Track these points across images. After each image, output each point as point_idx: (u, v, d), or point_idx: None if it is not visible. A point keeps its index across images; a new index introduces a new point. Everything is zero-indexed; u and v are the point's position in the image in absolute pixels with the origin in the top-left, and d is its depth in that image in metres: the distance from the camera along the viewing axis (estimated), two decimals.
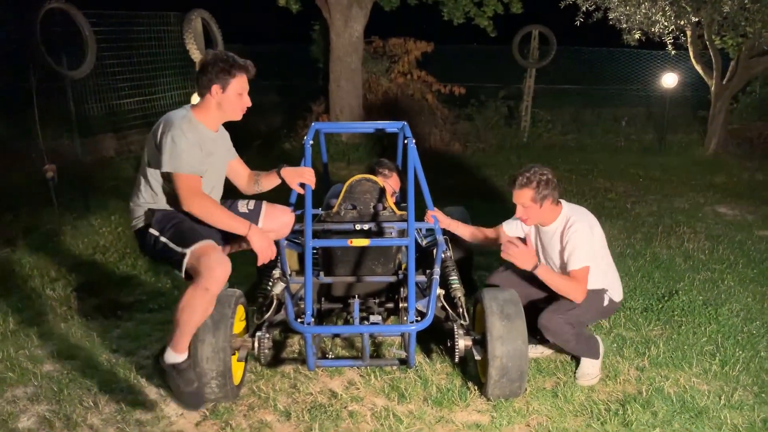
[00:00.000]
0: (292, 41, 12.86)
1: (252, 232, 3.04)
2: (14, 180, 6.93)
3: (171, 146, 2.90)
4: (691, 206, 6.98)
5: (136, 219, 3.13)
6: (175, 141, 2.90)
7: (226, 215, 3.02)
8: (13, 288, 4.67)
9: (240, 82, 3.02)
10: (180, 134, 2.91)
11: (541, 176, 3.36)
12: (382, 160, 4.26)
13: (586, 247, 3.35)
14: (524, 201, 3.39)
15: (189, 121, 3.00)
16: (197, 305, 2.78)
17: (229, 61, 2.98)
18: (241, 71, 3.01)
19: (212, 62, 2.98)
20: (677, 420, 3.07)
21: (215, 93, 3.00)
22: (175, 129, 2.92)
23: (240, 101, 3.06)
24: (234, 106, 3.07)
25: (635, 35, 9.31)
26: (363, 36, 9.52)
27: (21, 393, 3.34)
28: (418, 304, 3.33)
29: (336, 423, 3.08)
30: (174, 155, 2.90)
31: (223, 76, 2.97)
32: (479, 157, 9.65)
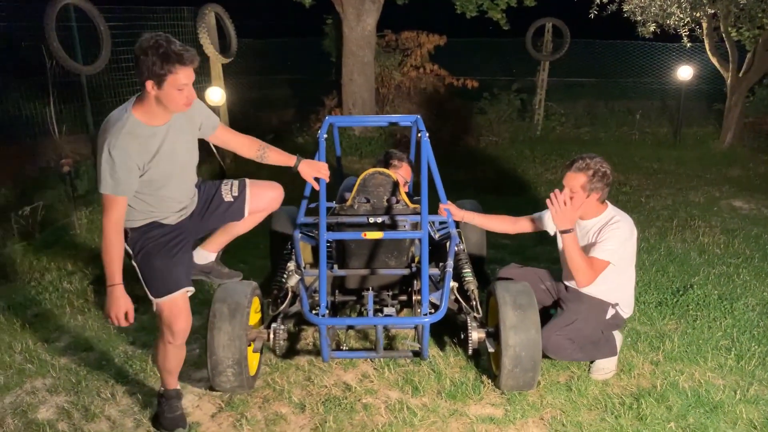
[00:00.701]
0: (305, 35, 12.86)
1: (113, 289, 2.67)
2: (31, 174, 7.00)
3: (99, 166, 2.63)
4: (707, 200, 6.93)
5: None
6: (102, 161, 2.61)
7: (115, 258, 2.68)
8: (30, 281, 4.74)
9: (178, 77, 2.59)
10: (107, 152, 2.60)
11: (601, 167, 3.28)
12: (392, 151, 4.27)
13: (616, 247, 3.28)
14: (574, 185, 3.30)
15: (123, 128, 2.64)
16: (167, 354, 2.93)
17: (162, 54, 2.53)
18: (177, 65, 2.56)
19: (143, 53, 2.54)
20: (692, 414, 3.06)
21: (151, 89, 2.60)
22: (104, 143, 2.62)
23: (181, 96, 2.64)
24: (175, 102, 2.66)
25: (650, 28, 9.22)
26: (375, 30, 9.50)
27: (40, 384, 3.39)
28: (432, 296, 3.34)
29: (350, 415, 3.10)
30: (100, 175, 2.64)
31: (157, 71, 2.55)
32: (492, 151, 9.62)
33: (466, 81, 10.24)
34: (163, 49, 2.54)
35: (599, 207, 3.41)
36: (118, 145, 2.61)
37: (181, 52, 2.56)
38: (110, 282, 2.67)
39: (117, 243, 2.68)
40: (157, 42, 2.55)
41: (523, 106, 10.96)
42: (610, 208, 3.45)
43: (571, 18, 10.28)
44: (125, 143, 2.62)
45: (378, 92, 9.98)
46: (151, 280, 2.82)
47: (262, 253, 4.91)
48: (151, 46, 2.54)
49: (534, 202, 6.75)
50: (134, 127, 2.67)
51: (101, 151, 2.62)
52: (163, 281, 2.80)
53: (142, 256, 2.85)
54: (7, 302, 4.33)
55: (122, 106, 2.75)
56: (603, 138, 10.42)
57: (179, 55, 2.56)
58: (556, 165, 8.41)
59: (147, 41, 2.56)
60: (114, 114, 2.72)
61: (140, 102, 2.70)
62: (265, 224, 4.79)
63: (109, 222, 2.67)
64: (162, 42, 2.55)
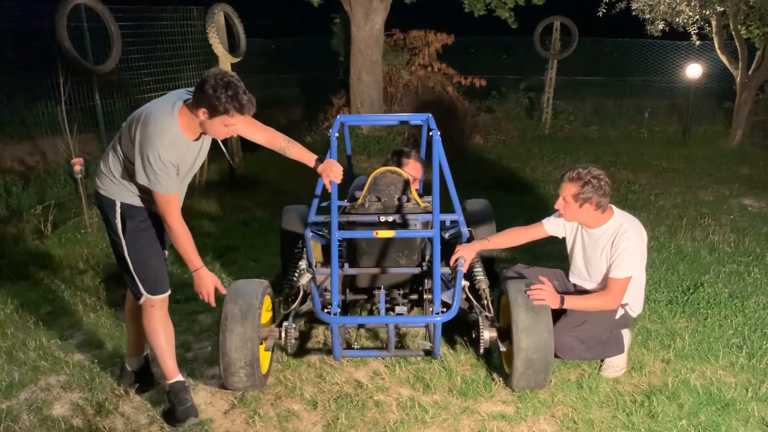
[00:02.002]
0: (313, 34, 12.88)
1: (198, 273, 2.96)
2: (43, 173, 7.05)
3: (148, 166, 2.75)
4: (716, 198, 6.91)
5: (103, 187, 3.00)
6: (152, 164, 2.73)
7: (188, 246, 2.91)
8: (43, 279, 4.78)
9: (231, 120, 2.75)
10: (155, 158, 2.73)
11: (593, 179, 3.25)
12: (401, 149, 4.28)
13: (633, 257, 3.29)
14: (566, 195, 3.33)
15: (171, 140, 2.77)
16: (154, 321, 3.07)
17: (228, 97, 2.67)
18: (235, 113, 2.72)
19: (212, 87, 2.67)
20: (704, 412, 3.06)
21: (201, 115, 2.75)
22: (152, 148, 2.72)
23: (225, 131, 2.82)
24: (217, 134, 2.84)
25: (659, 26, 9.21)
26: (383, 29, 9.52)
27: (54, 381, 3.42)
28: (443, 295, 3.35)
29: (362, 412, 3.12)
30: (152, 177, 2.77)
31: (216, 107, 2.69)
32: (500, 149, 9.62)
33: (474, 80, 10.25)
34: (232, 92, 2.68)
35: (598, 215, 3.37)
36: (169, 155, 2.76)
37: (244, 103, 2.72)
38: (194, 267, 2.95)
39: (187, 233, 2.91)
40: (228, 82, 2.69)
41: (531, 105, 10.97)
42: (616, 214, 3.41)
43: (580, 16, 10.28)
44: (173, 154, 2.79)
45: (386, 91, 10.01)
46: (147, 279, 3.02)
47: (273, 251, 4.93)
48: (221, 84, 2.68)
49: (543, 200, 6.76)
50: (179, 139, 2.82)
51: (152, 158, 2.73)
52: (158, 282, 3.04)
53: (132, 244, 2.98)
54: (21, 300, 4.37)
55: (166, 110, 2.80)
56: (611, 136, 10.41)
57: (242, 105, 2.71)
58: (565, 163, 8.41)
59: (220, 77, 2.69)
60: (159, 121, 2.77)
61: (185, 114, 2.81)
62: (276, 223, 4.83)
63: (175, 218, 2.87)
64: (232, 83, 2.69)
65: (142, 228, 3.00)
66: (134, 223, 2.98)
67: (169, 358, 3.11)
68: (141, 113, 2.84)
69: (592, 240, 3.43)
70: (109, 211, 2.98)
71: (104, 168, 2.99)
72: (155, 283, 3.03)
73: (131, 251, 2.98)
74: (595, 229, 3.41)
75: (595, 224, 3.40)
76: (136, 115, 2.87)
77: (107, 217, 3.00)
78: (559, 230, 3.65)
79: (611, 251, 3.34)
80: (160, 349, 3.09)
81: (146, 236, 3.02)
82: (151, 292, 3.03)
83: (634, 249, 3.30)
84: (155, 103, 2.88)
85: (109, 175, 2.97)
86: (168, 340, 3.11)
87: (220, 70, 2.75)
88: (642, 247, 3.39)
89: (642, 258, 3.42)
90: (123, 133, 2.91)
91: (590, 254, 3.45)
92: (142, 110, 2.86)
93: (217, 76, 2.71)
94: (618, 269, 3.29)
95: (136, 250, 2.99)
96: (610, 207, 3.41)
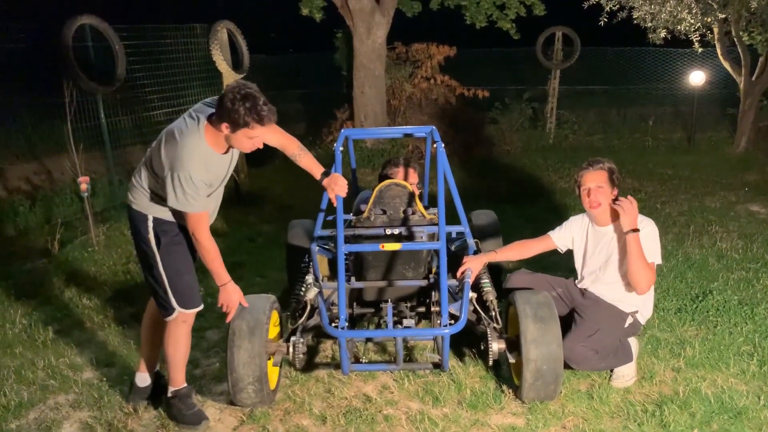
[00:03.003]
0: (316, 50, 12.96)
1: (225, 287, 3.07)
2: (49, 192, 7.09)
3: (178, 187, 2.78)
4: (723, 205, 6.88)
5: (135, 201, 3.02)
6: (183, 185, 2.77)
7: (216, 261, 3.01)
8: (50, 298, 4.78)
9: (253, 132, 2.77)
10: (187, 179, 2.76)
11: (614, 167, 3.49)
12: (389, 159, 4.30)
13: (656, 246, 3.37)
14: (600, 181, 3.41)
15: (200, 158, 2.81)
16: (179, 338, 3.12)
17: (248, 109, 2.68)
18: (255, 124, 2.74)
19: (231, 101, 2.68)
20: (716, 421, 3.03)
21: (225, 129, 2.78)
22: (183, 169, 2.76)
23: (250, 143, 2.84)
24: (242, 147, 2.87)
25: (661, 34, 9.22)
26: (386, 42, 9.56)
27: (63, 400, 3.42)
28: (451, 307, 3.34)
29: (371, 427, 3.10)
30: (181, 197, 2.80)
31: (237, 120, 2.71)
32: (505, 160, 9.62)
33: (477, 91, 10.26)
34: (250, 104, 2.69)
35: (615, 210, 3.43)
36: (200, 175, 2.80)
37: (263, 114, 2.72)
38: (222, 282, 3.05)
39: (215, 249, 2.99)
40: (246, 95, 2.70)
41: (535, 115, 10.98)
42: None
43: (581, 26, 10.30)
44: (204, 173, 2.83)
45: (389, 104, 10.03)
46: (181, 292, 3.05)
47: (279, 266, 4.93)
48: (239, 97, 2.68)
49: (549, 210, 6.74)
50: (209, 156, 2.86)
51: (183, 179, 2.76)
52: (192, 297, 3.09)
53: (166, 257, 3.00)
54: (29, 319, 4.38)
55: (193, 129, 2.84)
56: (616, 145, 10.40)
57: (261, 116, 2.72)
58: (570, 173, 8.39)
59: (238, 90, 2.70)
60: (188, 142, 2.80)
61: (210, 131, 2.84)
62: (282, 238, 4.83)
63: (205, 235, 2.94)
64: (250, 95, 2.70)
65: (176, 242, 3.04)
66: (168, 237, 3.01)
67: (182, 369, 3.18)
68: (170, 132, 2.87)
69: (606, 239, 3.47)
70: (141, 226, 3.00)
71: (137, 182, 3.01)
72: (189, 297, 3.07)
73: (166, 265, 3.00)
74: (604, 228, 3.46)
75: (607, 221, 3.47)
76: (166, 133, 2.90)
77: (139, 231, 3.02)
78: (567, 242, 3.66)
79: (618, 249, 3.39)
80: (177, 360, 3.15)
81: (180, 250, 3.05)
82: (184, 306, 3.06)
83: (656, 237, 3.40)
84: (182, 122, 2.90)
85: (141, 190, 2.99)
86: (185, 354, 3.18)
87: (238, 83, 2.76)
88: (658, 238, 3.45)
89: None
90: (154, 150, 2.93)
91: (609, 251, 3.45)
92: (171, 128, 2.89)
93: (234, 89, 2.72)
94: (647, 254, 3.32)
95: (171, 263, 3.02)
96: None
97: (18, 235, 6.22)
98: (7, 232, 6.27)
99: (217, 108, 2.78)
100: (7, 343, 4.05)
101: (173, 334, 3.12)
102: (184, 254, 3.08)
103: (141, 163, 3.05)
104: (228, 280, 3.06)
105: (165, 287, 3.02)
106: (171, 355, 3.15)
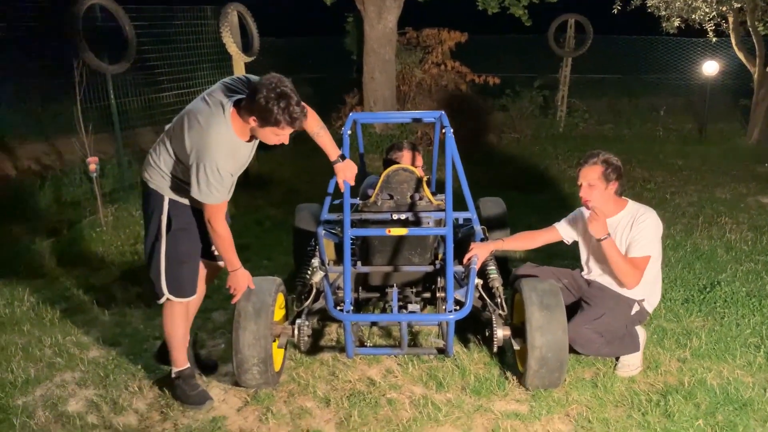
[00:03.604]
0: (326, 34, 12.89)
1: (235, 272, 3.09)
2: (59, 172, 7.11)
3: (203, 177, 2.75)
4: (733, 196, 6.83)
5: (152, 180, 2.99)
6: (209, 176, 2.74)
7: (230, 249, 3.02)
8: (58, 277, 4.81)
9: (281, 131, 2.76)
10: (213, 170, 2.74)
11: (611, 159, 3.39)
12: (394, 144, 4.28)
13: (652, 238, 3.34)
14: (591, 178, 3.37)
15: (228, 147, 2.79)
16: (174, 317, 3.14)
17: (280, 108, 2.66)
18: (286, 125, 2.73)
19: (264, 99, 2.64)
20: (721, 412, 3.02)
21: (252, 122, 2.76)
22: (209, 159, 2.72)
23: (275, 139, 2.82)
24: (267, 139, 2.84)
25: (674, 23, 9.14)
26: (396, 27, 9.50)
27: (69, 378, 3.45)
28: (456, 293, 3.33)
29: (375, 410, 3.11)
30: (205, 188, 2.77)
31: (267, 117, 2.69)
32: (514, 148, 9.58)
33: (487, 78, 10.20)
34: (284, 103, 2.66)
35: (618, 201, 3.44)
36: (225, 164, 2.78)
37: (296, 116, 2.71)
38: (233, 268, 3.07)
39: (229, 237, 2.99)
40: (281, 93, 2.66)
41: (546, 103, 10.90)
42: (631, 203, 3.47)
43: (594, 13, 10.21)
44: (229, 162, 2.81)
45: (399, 90, 9.98)
46: (174, 281, 3.05)
47: (286, 250, 4.94)
48: (273, 96, 2.65)
49: (557, 199, 6.71)
50: (235, 145, 2.83)
51: (210, 170, 2.74)
52: (187, 286, 3.11)
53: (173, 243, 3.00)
54: (37, 298, 4.41)
55: (219, 117, 2.78)
56: (626, 134, 10.33)
57: (294, 118, 2.71)
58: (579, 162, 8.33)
59: (274, 87, 2.66)
60: (214, 131, 2.76)
61: (237, 119, 2.80)
62: (289, 222, 4.83)
63: (221, 224, 2.92)
64: (285, 94, 2.67)
65: (186, 228, 3.03)
66: (179, 221, 3.00)
67: (183, 349, 3.21)
68: (193, 116, 2.80)
69: (610, 230, 3.42)
70: (156, 206, 2.99)
71: (154, 162, 2.98)
72: (182, 286, 3.08)
73: (169, 250, 3.01)
74: (611, 219, 3.42)
75: (611, 211, 3.42)
76: (188, 116, 2.82)
77: (152, 212, 3.00)
78: (573, 233, 3.66)
79: (630, 233, 3.37)
80: (177, 341, 3.17)
81: (188, 237, 3.05)
82: (176, 294, 3.07)
83: (654, 230, 3.36)
84: (204, 106, 2.81)
85: (158, 170, 2.96)
86: (185, 334, 3.20)
87: (274, 78, 2.70)
88: (660, 232, 3.41)
89: (660, 245, 3.43)
90: (175, 133, 2.88)
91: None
92: (194, 112, 2.81)
93: (270, 85, 2.67)
94: (638, 248, 3.32)
95: (174, 250, 3.02)
96: (622, 197, 3.42)
97: (27, 214, 6.24)
98: (17, 210, 6.30)
99: (249, 99, 2.72)
100: (15, 321, 4.08)
101: (169, 315, 3.14)
102: (192, 241, 3.07)
103: (158, 142, 3.01)
104: (239, 267, 3.08)
105: (159, 271, 3.02)
106: (170, 336, 3.17)
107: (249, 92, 2.74)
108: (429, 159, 4.77)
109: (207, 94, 2.89)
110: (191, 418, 3.08)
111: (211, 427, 3.01)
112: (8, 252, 5.21)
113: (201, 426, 3.02)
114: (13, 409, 3.14)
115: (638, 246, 3.33)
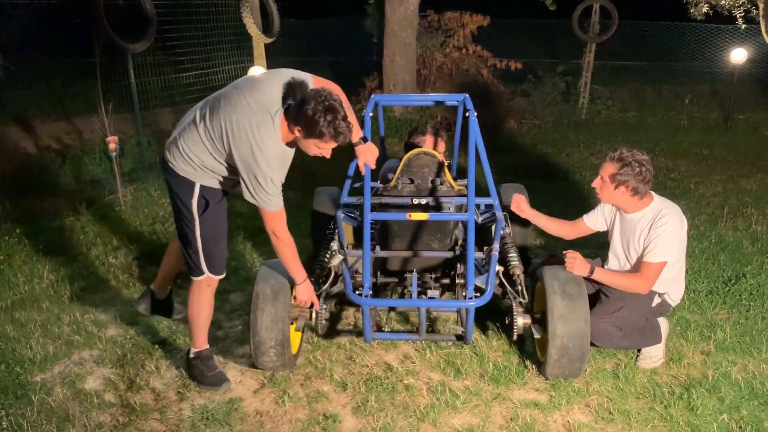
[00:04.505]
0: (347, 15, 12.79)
1: (302, 286, 3.12)
2: (79, 152, 7.13)
3: (257, 187, 2.78)
4: (759, 187, 6.68)
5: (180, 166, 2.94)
6: (264, 187, 2.78)
7: (295, 259, 3.06)
8: (77, 255, 4.83)
9: (324, 144, 2.78)
10: (267, 181, 2.77)
11: (634, 162, 3.18)
12: (416, 127, 4.22)
13: (670, 243, 3.20)
14: (604, 174, 3.29)
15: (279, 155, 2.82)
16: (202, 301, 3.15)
17: (326, 123, 2.68)
18: (330, 139, 2.75)
19: (312, 111, 2.67)
20: (745, 406, 2.96)
21: (296, 132, 2.79)
22: (261, 171, 2.75)
23: (317, 151, 2.85)
24: (309, 150, 2.86)
25: (702, 9, 8.92)
26: (418, 10, 9.39)
27: (87, 355, 3.46)
28: (477, 280, 3.29)
29: (392, 395, 3.08)
30: (260, 197, 2.81)
31: (311, 129, 2.71)
32: (535, 134, 9.46)
33: (509, 63, 10.07)
34: (331, 117, 2.69)
35: (638, 201, 3.28)
36: (279, 176, 2.84)
37: (341, 131, 2.74)
38: (300, 281, 3.10)
39: (293, 247, 3.04)
40: (329, 107, 2.69)
41: (568, 89, 10.76)
42: (656, 200, 3.32)
43: None
44: (281, 170, 2.86)
45: (419, 73, 9.89)
46: (212, 258, 3.07)
47: (304, 232, 4.91)
48: (321, 109, 2.67)
49: (579, 187, 6.62)
50: (284, 153, 2.87)
51: (263, 181, 2.77)
52: (222, 264, 3.14)
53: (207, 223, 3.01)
54: (56, 276, 4.42)
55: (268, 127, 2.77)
56: (650, 122, 10.16)
57: (338, 133, 2.74)
58: (601, 149, 8.21)
59: (323, 100, 2.68)
60: (267, 142, 2.76)
61: (284, 128, 2.82)
62: (307, 205, 4.80)
63: (286, 231, 2.98)
64: (333, 108, 2.69)
65: (218, 207, 3.04)
66: (213, 202, 3.01)
67: (204, 331, 3.22)
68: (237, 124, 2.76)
69: (629, 225, 3.35)
70: (185, 191, 2.98)
71: (183, 151, 2.92)
72: (219, 263, 3.11)
73: (204, 230, 3.02)
74: (632, 215, 3.33)
75: (630, 209, 3.33)
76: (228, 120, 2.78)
77: (181, 195, 2.98)
78: (600, 223, 3.59)
79: (648, 235, 3.25)
80: (201, 323, 3.18)
81: (220, 215, 3.07)
82: (213, 271, 3.09)
83: (671, 234, 3.20)
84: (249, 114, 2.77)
85: (187, 158, 2.92)
86: (208, 317, 3.21)
87: (324, 92, 2.71)
88: (682, 234, 3.29)
89: (681, 245, 3.31)
90: (211, 131, 2.84)
91: (629, 239, 3.36)
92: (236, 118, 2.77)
93: (319, 98, 2.69)
94: (652, 253, 3.20)
95: (210, 229, 3.04)
96: (649, 194, 3.31)
97: (48, 192, 6.27)
98: (37, 188, 6.33)
99: (296, 110, 2.74)
100: (35, 298, 4.10)
101: (197, 298, 3.13)
102: (223, 218, 3.09)
103: (185, 129, 2.94)
104: (305, 278, 3.10)
105: (197, 249, 3.03)
106: (194, 317, 3.17)
107: (297, 103, 2.76)
108: (450, 145, 4.70)
109: (247, 93, 2.82)
110: (207, 399, 3.08)
111: (228, 409, 3.00)
112: (29, 229, 5.24)
113: (217, 407, 3.01)
114: (32, 386, 3.16)
115: (654, 251, 3.20)
